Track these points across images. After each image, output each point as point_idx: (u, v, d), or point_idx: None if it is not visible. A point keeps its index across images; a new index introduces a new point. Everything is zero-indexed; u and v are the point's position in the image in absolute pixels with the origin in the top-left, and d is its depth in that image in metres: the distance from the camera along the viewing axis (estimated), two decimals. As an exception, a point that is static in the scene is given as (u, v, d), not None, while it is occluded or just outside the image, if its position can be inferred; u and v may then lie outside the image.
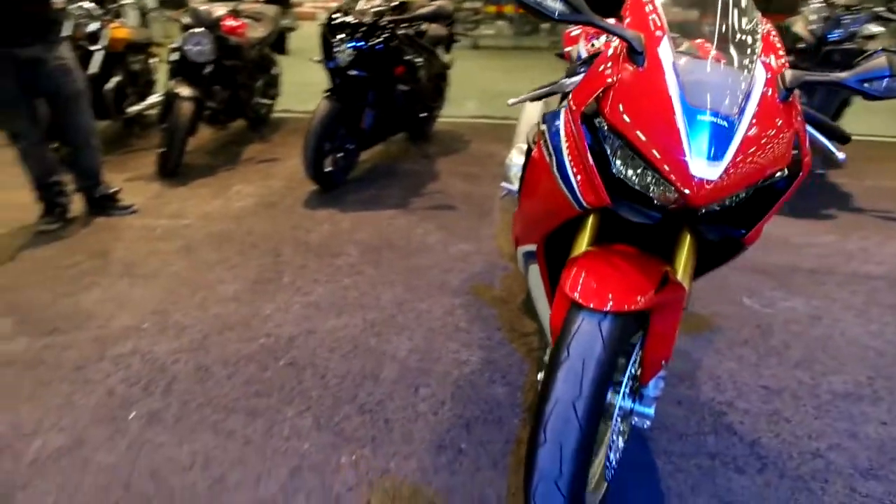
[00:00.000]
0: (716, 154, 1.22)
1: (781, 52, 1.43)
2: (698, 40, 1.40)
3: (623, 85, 1.33)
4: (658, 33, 1.37)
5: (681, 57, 1.33)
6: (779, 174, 1.31)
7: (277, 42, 5.57)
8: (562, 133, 1.46)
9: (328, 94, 3.84)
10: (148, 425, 1.99)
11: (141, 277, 2.93)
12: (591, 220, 1.52)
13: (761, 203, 1.34)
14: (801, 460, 1.86)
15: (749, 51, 1.36)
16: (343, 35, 3.70)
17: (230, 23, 4.56)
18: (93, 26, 4.47)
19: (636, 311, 1.33)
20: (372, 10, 3.79)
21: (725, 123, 1.25)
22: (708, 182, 1.22)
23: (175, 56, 4.37)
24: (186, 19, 4.38)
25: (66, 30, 4.22)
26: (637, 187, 1.33)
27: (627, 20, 1.45)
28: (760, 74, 1.33)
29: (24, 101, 3.26)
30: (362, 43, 3.69)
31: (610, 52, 1.47)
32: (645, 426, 1.57)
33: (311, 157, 3.79)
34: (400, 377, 2.22)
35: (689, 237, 1.45)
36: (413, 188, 4.07)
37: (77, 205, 3.63)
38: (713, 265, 1.59)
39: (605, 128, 1.33)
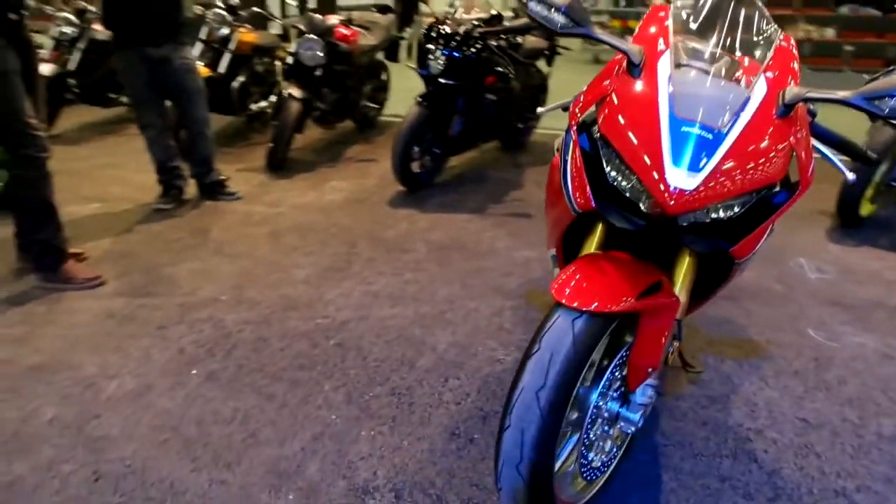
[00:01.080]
0: (695, 165, 1.25)
1: (795, 67, 1.41)
2: (704, 54, 1.42)
3: (618, 96, 1.38)
4: (661, 46, 1.41)
5: (679, 70, 1.36)
6: (773, 189, 1.30)
7: (390, 50, 5.88)
8: (570, 142, 1.53)
9: (420, 99, 4.04)
10: (205, 382, 2.25)
11: (230, 256, 3.26)
12: (599, 227, 1.58)
13: (757, 218, 1.34)
14: (820, 496, 1.78)
15: (754, 65, 1.36)
16: (436, 44, 3.90)
17: (342, 31, 4.91)
18: (223, 31, 4.98)
19: (617, 314, 1.37)
20: (467, 21, 3.96)
21: (711, 136, 1.27)
22: (683, 192, 1.25)
23: (290, 59, 4.77)
24: (303, 26, 4.77)
25: (202, 33, 4.76)
26: (627, 195, 1.37)
27: (638, 32, 1.49)
28: (760, 89, 1.33)
29: (153, 96, 3.73)
30: (453, 52, 3.86)
31: (618, 65, 1.52)
32: (629, 432, 1.58)
33: (398, 158, 4.01)
34: (434, 367, 2.34)
35: (688, 251, 1.47)
36: (495, 195, 4.18)
37: (191, 189, 4.07)
38: (715, 284, 1.58)
39: (598, 136, 1.38)
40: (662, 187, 1.26)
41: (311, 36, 4.63)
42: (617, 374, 1.50)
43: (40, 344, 2.47)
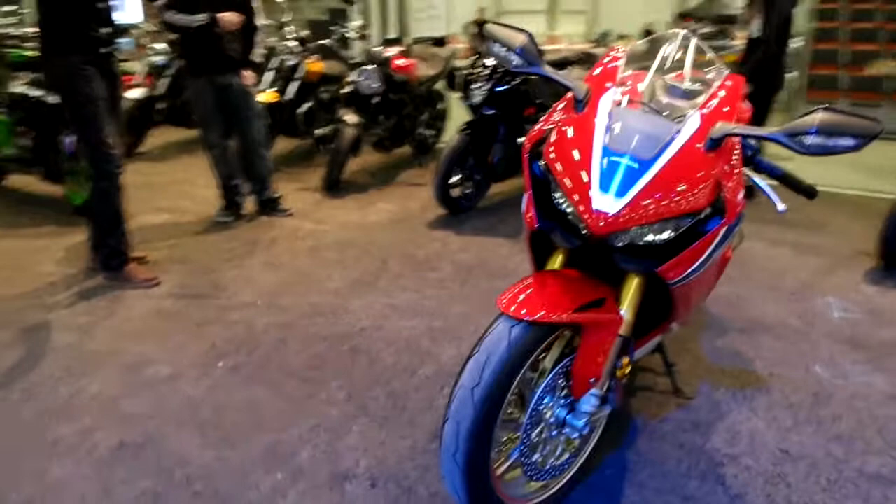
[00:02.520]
0: (619, 191, 1.39)
1: (735, 104, 1.52)
2: (646, 92, 1.55)
3: (561, 128, 1.54)
4: (608, 84, 1.56)
5: (619, 106, 1.50)
6: (699, 216, 1.41)
7: (450, 79, 6.16)
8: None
9: (464, 127, 4.26)
10: (227, 374, 2.51)
11: (272, 266, 3.56)
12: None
13: (686, 243, 1.45)
14: (779, 523, 1.81)
15: (690, 102, 1.49)
16: (479, 76, 4.12)
17: (399, 62, 5.22)
18: (292, 61, 5.40)
19: (557, 325, 1.51)
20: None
21: (637, 165, 1.40)
22: (608, 215, 1.38)
23: (349, 88, 5.11)
24: (362, 57, 5.12)
25: (274, 63, 5.18)
26: (569, 217, 1.52)
27: (591, 71, 1.64)
28: (692, 124, 1.45)
29: (218, 118, 4.12)
30: (494, 85, 4.07)
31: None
32: (574, 437, 1.69)
33: (439, 182, 4.23)
34: (434, 375, 2.51)
35: (636, 276, 1.59)
36: (531, 221, 4.31)
37: (250, 204, 4.44)
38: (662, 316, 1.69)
39: (543, 164, 1.54)
40: (589, 211, 1.40)
41: (370, 66, 4.96)
42: (561, 381, 1.62)
43: (98, 333, 2.82)
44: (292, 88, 5.51)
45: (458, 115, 6.21)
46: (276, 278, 3.40)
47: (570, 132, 1.52)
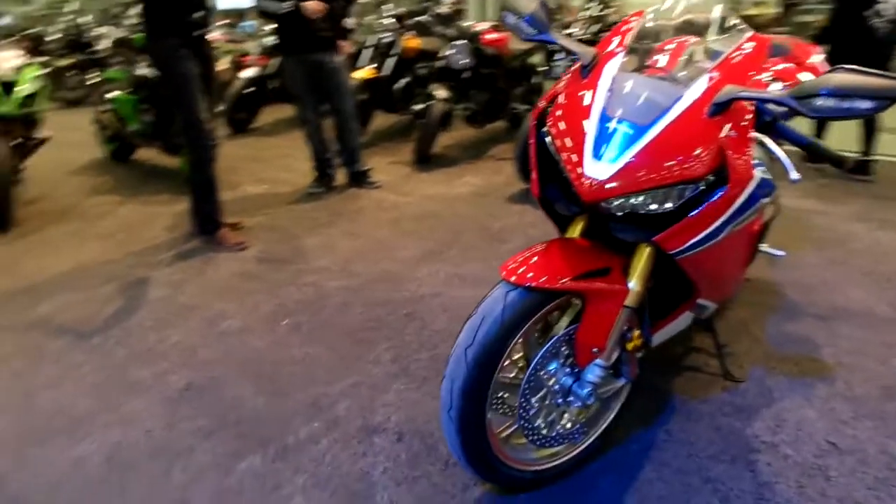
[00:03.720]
0: (612, 158, 1.37)
1: (753, 67, 1.44)
2: (656, 56, 1.50)
3: (565, 95, 1.53)
4: (617, 49, 1.52)
5: (624, 71, 1.47)
6: (700, 185, 1.37)
7: (548, 53, 6.07)
8: None
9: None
10: (290, 331, 2.72)
11: (352, 235, 3.76)
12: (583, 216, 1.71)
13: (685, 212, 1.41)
14: (806, 514, 1.72)
15: (698, 67, 1.42)
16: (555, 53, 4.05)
17: (490, 36, 5.23)
18: (389, 38, 5.56)
19: (560, 292, 1.52)
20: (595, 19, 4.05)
21: (632, 131, 1.37)
22: (597, 181, 1.37)
23: (441, 63, 5.20)
24: (453, 32, 5.17)
25: (370, 40, 5.37)
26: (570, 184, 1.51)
27: (604, 38, 1.61)
28: (697, 88, 1.40)
29: (311, 95, 4.36)
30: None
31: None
32: (577, 405, 1.69)
33: (520, 157, 4.23)
34: (480, 343, 2.56)
35: (647, 247, 1.56)
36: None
37: (341, 177, 4.68)
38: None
39: (545, 131, 1.54)
40: (581, 177, 1.40)
41: (460, 41, 5.01)
42: (565, 349, 1.63)
43: (187, 289, 3.14)
44: (389, 64, 5.68)
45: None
46: (353, 246, 3.59)
47: (572, 99, 1.51)
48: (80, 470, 1.96)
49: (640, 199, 1.40)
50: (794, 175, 1.41)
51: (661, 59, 1.51)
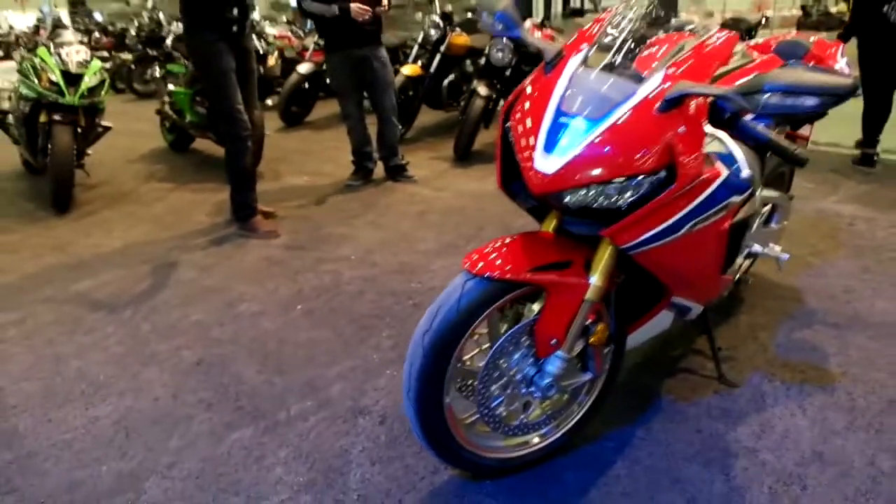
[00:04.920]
0: (560, 151, 1.39)
1: (715, 64, 1.43)
2: (619, 53, 1.51)
3: (528, 89, 1.56)
4: (582, 46, 1.54)
5: (584, 68, 1.49)
6: (647, 179, 1.38)
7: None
8: None
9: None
10: (302, 316, 2.84)
11: (378, 226, 3.87)
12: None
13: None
14: (772, 521, 1.69)
15: (655, 64, 1.43)
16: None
17: (535, 34, 5.22)
18: (435, 34, 5.65)
19: (519, 283, 1.56)
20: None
21: (583, 126, 1.39)
22: (545, 174, 1.40)
23: (483, 60, 5.24)
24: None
25: (419, 38, 5.47)
26: None
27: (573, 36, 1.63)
28: (649, 86, 1.40)
29: (354, 90, 4.49)
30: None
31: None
32: (537, 396, 1.71)
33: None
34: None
35: (609, 242, 1.57)
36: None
37: (380, 171, 4.80)
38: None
39: (507, 126, 1.58)
40: (530, 170, 1.43)
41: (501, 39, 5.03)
42: (525, 339, 1.66)
43: (215, 272, 3.32)
44: (435, 61, 5.77)
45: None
46: (376, 237, 3.69)
47: (533, 94, 1.54)
48: (90, 430, 2.13)
49: (592, 193, 1.42)
50: (745, 173, 1.39)
51: (625, 57, 1.51)
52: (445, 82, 5.88)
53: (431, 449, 1.69)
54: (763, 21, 4.74)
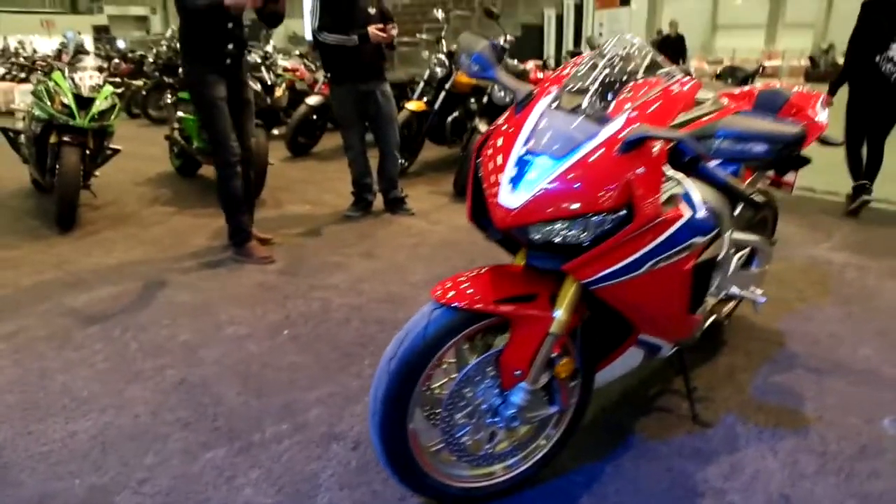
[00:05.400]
0: (524, 188, 1.45)
1: (677, 108, 1.49)
2: (586, 95, 1.57)
3: (500, 127, 1.62)
4: (552, 87, 1.61)
5: (553, 108, 1.55)
6: (608, 217, 1.43)
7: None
8: None
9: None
10: (288, 341, 2.88)
11: (372, 256, 3.93)
12: None
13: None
14: (733, 562, 1.69)
15: (619, 107, 1.49)
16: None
17: (537, 75, 5.35)
18: (440, 72, 5.78)
19: (483, 314, 1.60)
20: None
21: (547, 164, 1.45)
22: (509, 210, 1.46)
23: (485, 98, 5.36)
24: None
25: (425, 75, 5.61)
26: None
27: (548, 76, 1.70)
28: (612, 128, 1.46)
29: (358, 122, 4.60)
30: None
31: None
32: (500, 426, 1.73)
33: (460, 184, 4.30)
34: (460, 366, 2.64)
35: (573, 279, 1.61)
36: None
37: (379, 202, 4.88)
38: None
39: (479, 161, 1.64)
40: (495, 205, 1.48)
41: (503, 79, 5.15)
42: (490, 370, 1.69)
43: (207, 294, 3.37)
44: (439, 98, 5.90)
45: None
46: (368, 267, 3.75)
47: (503, 132, 1.61)
48: (68, 444, 2.16)
49: (556, 228, 1.47)
50: (701, 214, 1.43)
51: (600, 99, 1.58)
52: (449, 119, 5.99)
53: (395, 474, 1.71)
54: (760, 70, 4.84)
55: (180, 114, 5.47)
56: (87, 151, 4.50)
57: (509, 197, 1.48)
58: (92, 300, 3.31)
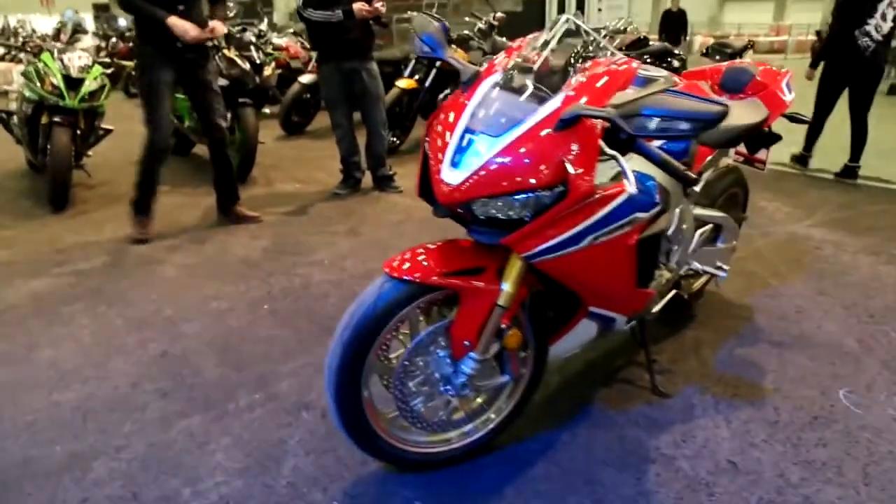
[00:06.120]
0: (463, 165, 1.51)
1: (615, 87, 1.54)
2: (528, 75, 1.62)
3: (443, 109, 1.68)
4: (496, 68, 1.66)
5: (494, 88, 1.61)
6: (544, 193, 1.49)
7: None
8: None
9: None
10: (267, 315, 2.97)
11: (356, 233, 4.00)
12: None
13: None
14: (673, 523, 1.77)
15: (558, 86, 1.54)
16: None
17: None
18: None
19: (433, 287, 1.66)
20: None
21: (485, 142, 1.51)
22: (449, 185, 1.52)
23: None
24: (486, 48, 5.34)
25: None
26: None
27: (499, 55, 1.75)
28: (550, 106, 1.51)
29: (344, 100, 4.64)
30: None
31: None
32: (450, 394, 1.81)
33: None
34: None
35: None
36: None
37: (367, 180, 4.94)
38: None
39: (427, 139, 1.70)
40: (438, 182, 1.54)
41: (492, 56, 5.16)
42: (441, 339, 1.77)
43: (195, 271, 3.47)
44: (431, 75, 5.92)
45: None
46: (351, 244, 3.82)
47: (448, 112, 1.66)
48: (51, 414, 2.26)
49: (498, 204, 1.53)
50: (631, 188, 1.48)
51: (530, 76, 1.63)
52: (441, 96, 5.96)
53: (351, 439, 1.79)
54: (748, 45, 4.85)
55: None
56: (78, 132, 4.56)
57: (450, 174, 1.54)
58: (80, 278, 3.40)
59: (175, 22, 3.44)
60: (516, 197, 1.51)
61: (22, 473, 1.97)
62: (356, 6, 4.25)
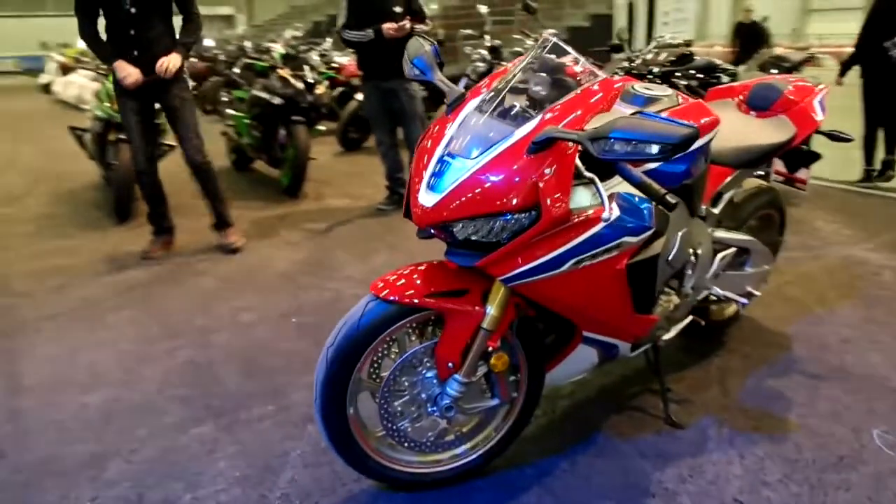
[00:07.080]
0: (439, 188, 1.51)
1: (594, 109, 1.51)
2: (508, 99, 1.61)
3: (432, 128, 1.68)
4: (482, 90, 1.65)
5: (476, 111, 1.60)
6: (519, 216, 1.47)
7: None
8: None
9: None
10: (295, 328, 3.05)
11: (392, 248, 4.06)
12: None
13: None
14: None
15: (535, 110, 1.52)
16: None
17: (574, 69, 5.29)
18: (482, 67, 5.82)
19: (417, 308, 1.67)
20: (654, 60, 4.03)
21: (460, 165, 1.51)
22: (426, 207, 1.52)
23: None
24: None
25: (468, 70, 5.67)
26: None
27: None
28: (525, 129, 1.50)
29: (384, 118, 4.72)
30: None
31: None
32: (435, 415, 1.80)
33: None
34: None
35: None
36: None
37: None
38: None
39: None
40: (415, 204, 1.55)
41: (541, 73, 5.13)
42: (427, 360, 1.76)
43: (232, 282, 3.60)
44: (480, 94, 5.93)
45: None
46: (385, 259, 3.87)
47: (432, 133, 1.67)
48: (78, 414, 2.40)
49: (477, 226, 1.52)
50: (606, 214, 1.44)
51: (510, 100, 1.62)
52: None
53: (338, 454, 1.81)
54: (808, 59, 4.64)
55: (231, 111, 5.77)
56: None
57: (426, 196, 1.54)
58: (129, 286, 3.59)
59: (119, 66, 3.55)
60: (490, 220, 1.50)
61: (44, 470, 2.10)
62: (384, 26, 4.32)
